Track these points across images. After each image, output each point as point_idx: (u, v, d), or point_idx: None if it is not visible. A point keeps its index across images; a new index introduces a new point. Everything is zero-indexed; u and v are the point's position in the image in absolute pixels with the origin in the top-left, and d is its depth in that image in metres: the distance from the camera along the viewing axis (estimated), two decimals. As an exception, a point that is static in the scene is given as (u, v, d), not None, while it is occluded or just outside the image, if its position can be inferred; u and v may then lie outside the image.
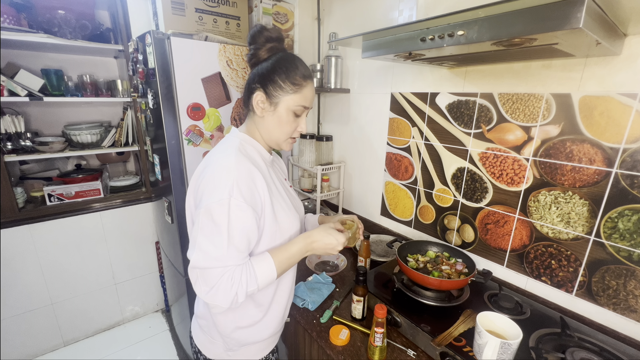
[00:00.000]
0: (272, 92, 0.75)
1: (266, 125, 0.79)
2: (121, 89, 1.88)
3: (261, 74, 0.76)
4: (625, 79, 0.79)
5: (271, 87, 0.75)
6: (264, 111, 0.77)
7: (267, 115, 0.78)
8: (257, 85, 0.77)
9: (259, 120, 0.79)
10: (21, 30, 1.47)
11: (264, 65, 0.77)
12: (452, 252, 1.13)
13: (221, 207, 0.67)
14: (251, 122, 0.82)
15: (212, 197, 0.67)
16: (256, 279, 0.71)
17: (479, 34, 0.63)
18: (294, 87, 0.75)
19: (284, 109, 0.77)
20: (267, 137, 0.81)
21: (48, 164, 1.93)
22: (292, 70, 0.75)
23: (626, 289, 0.86)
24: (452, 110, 1.19)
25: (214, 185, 0.69)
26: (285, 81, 0.75)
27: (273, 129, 0.79)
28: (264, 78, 0.76)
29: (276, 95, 0.75)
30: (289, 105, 0.77)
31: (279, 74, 0.75)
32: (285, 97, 0.76)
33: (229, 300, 0.67)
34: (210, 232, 0.67)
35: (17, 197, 1.64)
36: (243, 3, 1.54)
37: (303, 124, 0.82)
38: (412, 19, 1.25)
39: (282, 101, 0.76)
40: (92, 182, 1.83)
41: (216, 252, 0.67)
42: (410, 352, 0.87)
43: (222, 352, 0.84)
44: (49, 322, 1.88)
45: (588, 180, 0.89)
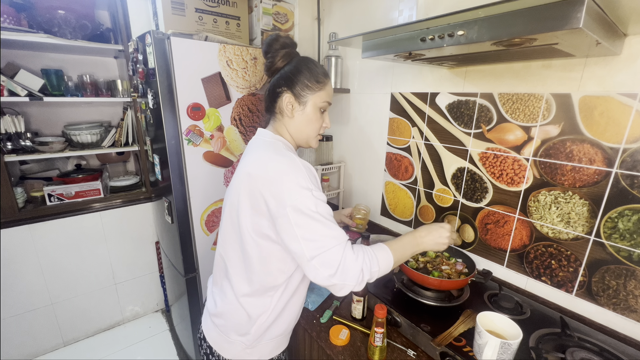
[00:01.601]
0: (299, 93, 0.80)
1: (297, 125, 0.84)
2: (121, 89, 1.88)
3: (286, 77, 0.81)
4: (625, 79, 0.79)
5: (299, 88, 0.80)
6: (294, 111, 0.82)
7: (297, 115, 0.82)
8: (284, 88, 0.81)
9: (289, 121, 0.83)
10: (21, 30, 1.47)
11: (287, 69, 0.82)
12: (452, 252, 1.13)
13: (307, 199, 0.69)
14: (279, 125, 0.85)
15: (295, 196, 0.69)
16: (377, 258, 0.72)
17: (479, 34, 0.63)
18: (318, 85, 0.81)
19: (312, 107, 0.82)
20: (299, 136, 0.85)
21: (48, 164, 1.93)
22: (314, 69, 0.81)
23: (626, 289, 0.86)
24: (452, 110, 1.19)
25: (291, 186, 0.70)
26: (310, 80, 0.80)
27: (304, 128, 0.84)
28: (290, 81, 0.81)
29: (304, 95, 0.81)
30: (316, 103, 0.82)
31: (304, 75, 0.80)
32: (312, 95, 0.81)
33: (356, 276, 0.69)
34: (309, 226, 0.69)
35: (17, 197, 1.64)
36: (243, 3, 1.54)
37: (327, 119, 0.87)
38: (412, 19, 1.25)
39: (310, 99, 0.81)
40: (92, 182, 1.83)
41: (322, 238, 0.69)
42: (410, 352, 0.87)
43: (240, 351, 0.84)
44: (49, 322, 1.88)
45: (588, 180, 0.89)
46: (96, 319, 2.06)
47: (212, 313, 0.88)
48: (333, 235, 0.70)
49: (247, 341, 0.83)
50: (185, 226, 1.45)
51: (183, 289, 1.56)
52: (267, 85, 0.88)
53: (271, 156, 0.76)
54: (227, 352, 0.85)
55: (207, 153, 1.42)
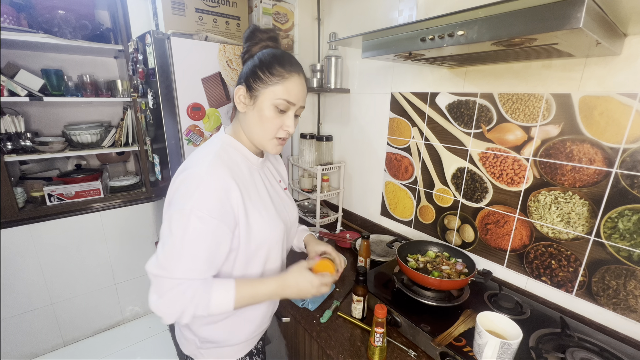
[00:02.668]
0: (252, 85, 0.72)
1: (248, 122, 0.75)
2: (121, 89, 1.87)
3: (246, 68, 0.74)
4: (625, 79, 0.79)
5: (251, 80, 0.72)
6: (245, 106, 0.74)
7: (248, 110, 0.74)
8: (241, 80, 0.75)
9: (242, 117, 0.76)
10: (21, 30, 1.47)
11: (251, 60, 0.74)
12: (452, 252, 1.13)
13: (181, 217, 0.64)
14: (236, 122, 0.79)
15: (176, 205, 0.65)
16: (208, 305, 0.66)
17: (479, 34, 0.63)
18: (273, 77, 0.70)
19: (263, 103, 0.72)
20: (250, 135, 0.77)
21: (48, 164, 1.93)
22: (276, 61, 0.71)
23: (626, 289, 0.86)
24: (452, 110, 1.19)
25: (181, 193, 0.66)
26: (264, 72, 0.70)
27: (254, 126, 0.74)
28: (247, 71, 0.73)
29: (256, 88, 0.71)
30: (269, 98, 0.71)
31: (260, 67, 0.71)
32: (265, 89, 0.71)
33: (173, 315, 0.64)
34: (166, 241, 0.65)
35: (17, 197, 1.64)
36: (243, 3, 1.54)
37: (289, 122, 0.74)
38: (412, 19, 1.25)
39: (262, 94, 0.71)
40: (92, 182, 1.83)
41: (167, 262, 0.64)
42: (410, 352, 0.87)
43: (195, 350, 0.82)
44: (49, 322, 1.88)
45: (588, 180, 0.89)
46: (96, 319, 2.06)
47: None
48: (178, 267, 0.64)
49: (198, 342, 0.81)
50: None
51: (183, 289, 1.56)
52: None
53: (195, 160, 0.71)
54: (185, 349, 0.84)
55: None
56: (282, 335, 1.21)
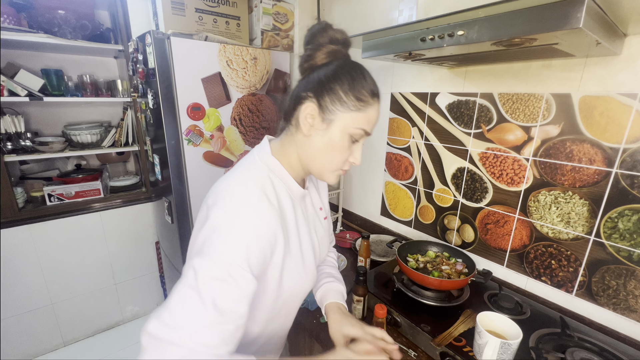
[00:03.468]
0: (327, 106, 0.58)
1: (312, 149, 0.61)
2: (121, 89, 1.88)
3: (318, 80, 0.59)
4: (625, 79, 0.79)
5: (328, 99, 0.58)
6: (312, 129, 0.60)
7: (315, 134, 0.60)
8: (310, 94, 0.59)
9: (303, 140, 0.62)
10: (21, 30, 1.47)
11: (323, 70, 0.59)
12: (452, 252, 1.13)
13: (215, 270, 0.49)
14: (290, 142, 0.64)
15: (210, 255, 0.50)
16: None
17: (479, 34, 0.63)
18: (357, 103, 0.58)
19: (338, 130, 0.59)
20: (309, 163, 0.63)
21: (48, 164, 1.93)
22: (360, 81, 0.58)
23: (626, 289, 0.86)
24: (452, 110, 1.19)
25: (217, 239, 0.52)
26: (347, 93, 0.58)
27: (320, 155, 0.61)
28: (321, 86, 0.58)
29: (332, 110, 0.58)
30: (346, 126, 0.59)
31: (342, 83, 0.58)
32: (344, 114, 0.58)
33: None
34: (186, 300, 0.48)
35: (17, 197, 1.64)
36: (243, 3, 1.54)
37: (358, 154, 0.63)
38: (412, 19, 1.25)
39: (339, 119, 0.59)
40: (92, 182, 1.83)
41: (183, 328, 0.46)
42: (410, 352, 0.87)
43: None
44: (49, 322, 1.88)
45: (588, 180, 0.89)
46: (96, 319, 2.06)
47: None
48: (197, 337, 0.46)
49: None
50: (185, 226, 1.45)
51: (183, 289, 1.56)
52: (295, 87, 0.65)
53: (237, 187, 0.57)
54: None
55: (207, 153, 1.42)
56: (282, 335, 1.21)
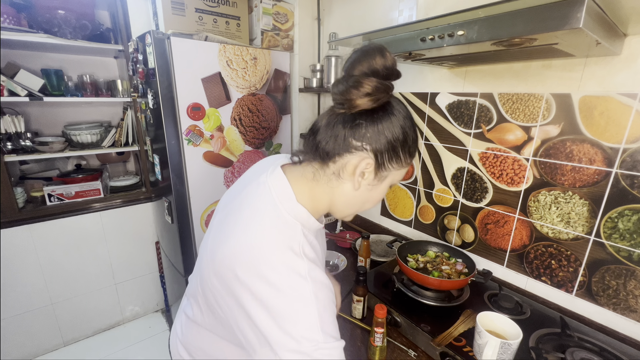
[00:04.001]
0: (385, 164, 0.54)
1: (352, 199, 0.58)
2: (121, 89, 1.87)
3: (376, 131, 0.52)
4: (625, 79, 0.79)
5: (387, 157, 0.53)
6: (363, 182, 0.55)
7: (364, 187, 0.56)
8: (366, 146, 0.52)
9: (346, 190, 0.56)
10: (21, 30, 1.47)
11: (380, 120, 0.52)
12: (452, 252, 1.13)
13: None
14: (324, 187, 0.57)
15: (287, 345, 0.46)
16: None
17: (479, 34, 0.63)
18: (409, 160, 0.57)
19: (387, 185, 0.58)
20: (341, 209, 0.60)
21: (48, 164, 1.93)
22: (414, 137, 0.56)
23: (626, 289, 0.86)
24: (452, 110, 1.19)
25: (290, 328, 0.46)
26: (406, 154, 0.55)
27: (358, 204, 0.59)
28: (380, 141, 0.52)
29: (388, 168, 0.55)
30: (393, 180, 0.58)
31: (404, 142, 0.54)
32: (397, 171, 0.57)
33: None
34: None
35: (17, 197, 1.64)
36: (243, 3, 1.54)
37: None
38: (412, 19, 1.25)
39: (391, 175, 0.57)
40: (92, 182, 1.83)
41: None
42: (410, 352, 0.87)
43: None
44: (49, 322, 1.88)
45: (588, 180, 0.89)
46: (96, 319, 2.06)
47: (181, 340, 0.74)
48: None
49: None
50: (185, 226, 1.45)
51: (183, 289, 1.56)
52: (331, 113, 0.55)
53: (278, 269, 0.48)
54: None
55: (207, 153, 1.42)
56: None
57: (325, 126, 0.55)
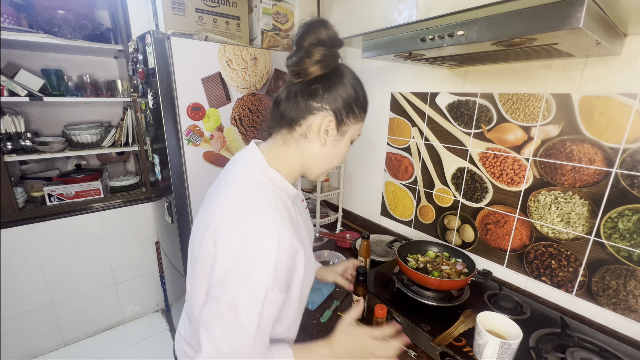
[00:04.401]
0: (345, 120, 0.62)
1: (321, 156, 0.65)
2: (121, 89, 1.87)
3: (332, 92, 0.60)
4: (625, 79, 0.79)
5: (344, 114, 0.61)
6: (328, 139, 0.63)
7: (329, 144, 0.64)
8: (326, 106, 0.60)
9: (314, 148, 0.63)
10: (21, 30, 1.47)
11: (333, 81, 0.60)
12: (452, 252, 1.13)
13: (254, 305, 0.53)
14: (293, 149, 0.64)
15: (243, 291, 0.53)
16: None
17: (479, 34, 0.63)
18: (363, 114, 0.66)
19: (348, 139, 0.66)
20: (313, 168, 0.67)
21: (48, 164, 1.93)
22: (364, 94, 0.65)
23: (626, 289, 0.86)
24: (452, 110, 1.19)
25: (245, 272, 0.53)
26: (360, 109, 0.64)
27: (328, 161, 0.66)
28: (337, 99, 0.60)
29: (347, 123, 0.63)
30: (353, 135, 0.66)
31: (356, 98, 0.62)
32: (355, 125, 0.65)
33: None
34: (232, 329, 0.54)
35: (17, 197, 1.64)
36: (243, 3, 1.54)
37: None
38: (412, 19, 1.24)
39: (351, 129, 0.65)
40: (92, 182, 1.83)
41: (235, 351, 0.54)
42: (410, 352, 0.87)
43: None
44: (49, 322, 1.88)
45: (588, 180, 0.89)
46: (96, 319, 2.06)
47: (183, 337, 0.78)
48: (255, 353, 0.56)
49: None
50: (185, 226, 1.45)
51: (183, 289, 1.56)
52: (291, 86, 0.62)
53: (247, 216, 0.55)
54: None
55: (207, 153, 1.42)
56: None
57: (286, 97, 0.62)
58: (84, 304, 1.98)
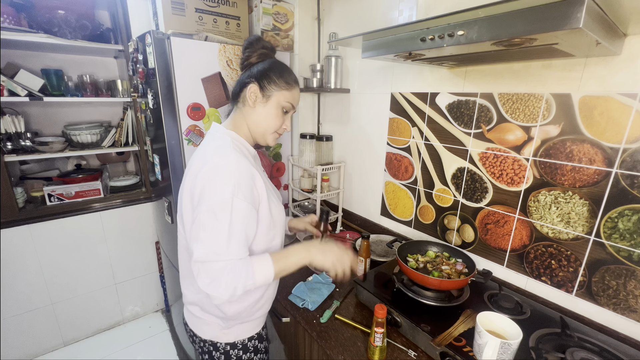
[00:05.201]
0: (266, 86, 0.84)
1: (256, 117, 0.86)
2: (121, 89, 1.88)
3: (257, 71, 0.86)
4: (625, 79, 0.79)
5: (265, 82, 0.84)
6: (256, 102, 0.85)
7: (258, 106, 0.85)
8: (252, 79, 0.85)
9: (250, 111, 0.86)
10: (21, 30, 1.47)
11: (260, 65, 0.86)
12: (451, 252, 1.13)
13: (224, 205, 0.72)
14: (239, 116, 0.88)
15: (215, 196, 0.72)
16: (254, 278, 0.75)
17: (479, 34, 0.63)
18: (286, 84, 0.86)
19: (275, 103, 0.85)
20: (255, 128, 0.88)
21: (48, 164, 1.93)
22: (286, 72, 0.87)
23: (626, 289, 0.86)
24: (452, 110, 1.19)
25: (215, 185, 0.73)
26: (279, 79, 0.85)
27: (262, 121, 0.86)
28: (260, 74, 0.85)
29: (269, 89, 0.84)
30: (279, 101, 0.86)
31: (274, 72, 0.85)
32: (277, 92, 0.85)
33: (229, 292, 0.72)
34: (213, 229, 0.72)
35: (17, 197, 1.64)
36: (243, 3, 1.54)
37: (289, 122, 0.91)
38: (412, 19, 1.25)
39: (275, 95, 0.85)
40: (92, 182, 1.83)
41: (218, 247, 0.72)
42: (410, 352, 0.87)
43: (218, 332, 0.89)
44: (49, 322, 1.88)
45: (588, 180, 0.89)
46: (96, 319, 2.06)
47: (187, 301, 0.93)
48: (229, 250, 0.72)
49: (222, 322, 0.88)
50: (185, 226, 1.45)
51: (183, 289, 1.56)
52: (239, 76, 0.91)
53: (213, 151, 0.78)
54: (205, 334, 0.91)
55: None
56: (282, 336, 1.21)
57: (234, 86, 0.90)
58: (84, 304, 1.98)
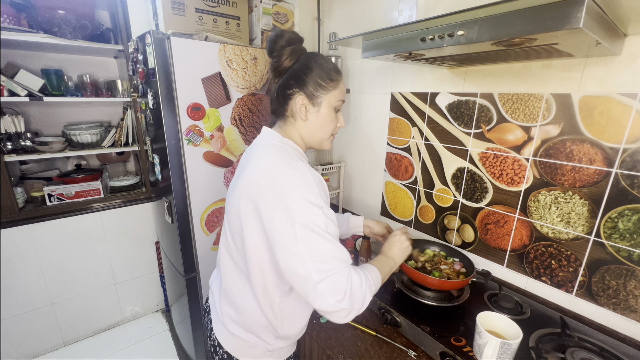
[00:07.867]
0: (313, 93, 0.76)
1: (311, 128, 0.79)
2: (121, 89, 1.87)
3: (297, 77, 0.76)
4: (625, 79, 0.79)
5: (311, 88, 0.76)
6: (308, 113, 0.77)
7: (311, 117, 0.78)
8: (296, 89, 0.76)
9: (302, 124, 0.79)
10: (21, 30, 1.47)
11: (296, 68, 0.77)
12: (451, 252, 1.13)
13: (318, 217, 0.66)
14: (291, 128, 0.80)
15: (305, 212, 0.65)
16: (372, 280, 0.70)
17: (479, 34, 0.63)
18: (332, 83, 0.77)
19: (327, 108, 0.78)
20: (311, 139, 0.81)
21: (48, 164, 1.93)
22: (326, 66, 0.77)
23: (626, 289, 0.86)
24: (452, 110, 1.19)
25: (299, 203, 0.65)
26: (323, 78, 0.76)
27: (318, 130, 0.80)
28: (301, 81, 0.76)
29: (318, 95, 0.76)
30: (330, 103, 0.78)
31: (316, 73, 0.75)
32: (326, 95, 0.77)
33: (362, 299, 0.66)
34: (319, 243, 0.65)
35: (17, 197, 1.64)
36: (243, 3, 1.54)
37: (342, 119, 0.83)
38: (412, 19, 1.25)
39: (325, 100, 0.77)
40: (92, 182, 1.83)
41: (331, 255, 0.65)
42: (410, 352, 0.87)
43: (263, 354, 0.82)
44: (49, 322, 1.88)
45: (588, 180, 0.89)
46: (96, 319, 2.06)
47: (228, 320, 0.83)
48: (341, 257, 0.66)
49: (269, 345, 0.81)
50: (185, 226, 1.45)
51: (183, 289, 1.56)
52: (274, 85, 0.82)
53: (280, 166, 0.70)
54: (247, 355, 0.82)
55: (207, 153, 1.42)
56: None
57: (273, 96, 0.82)
58: (84, 304, 1.98)
